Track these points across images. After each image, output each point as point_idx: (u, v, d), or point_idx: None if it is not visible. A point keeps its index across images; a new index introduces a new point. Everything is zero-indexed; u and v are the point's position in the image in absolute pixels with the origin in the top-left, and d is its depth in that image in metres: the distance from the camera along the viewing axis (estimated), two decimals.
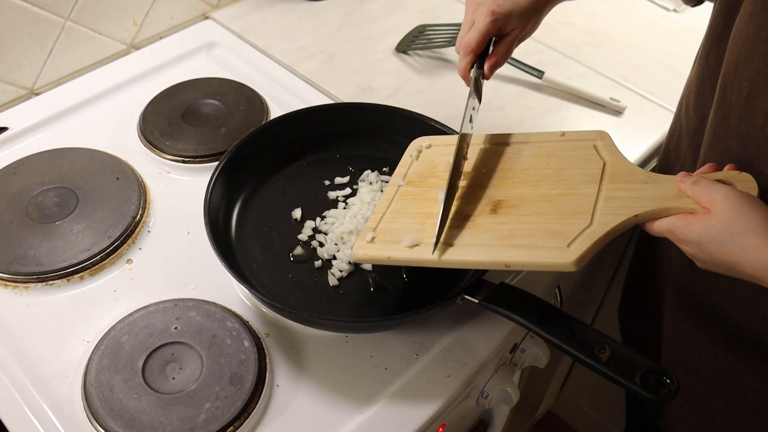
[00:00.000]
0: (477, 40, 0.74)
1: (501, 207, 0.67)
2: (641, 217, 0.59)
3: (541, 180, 0.69)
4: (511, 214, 0.66)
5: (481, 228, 0.66)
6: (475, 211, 0.68)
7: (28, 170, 0.85)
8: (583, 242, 0.59)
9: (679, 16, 1.18)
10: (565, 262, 0.59)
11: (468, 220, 0.67)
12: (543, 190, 0.67)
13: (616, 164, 0.67)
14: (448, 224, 0.67)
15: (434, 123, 0.83)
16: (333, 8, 1.16)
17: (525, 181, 0.69)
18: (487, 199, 0.69)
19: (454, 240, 0.65)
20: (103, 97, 0.98)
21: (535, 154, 0.72)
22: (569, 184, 0.67)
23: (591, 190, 0.64)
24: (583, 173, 0.67)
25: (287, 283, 0.74)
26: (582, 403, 1.48)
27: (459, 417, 0.79)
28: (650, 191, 0.61)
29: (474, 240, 0.65)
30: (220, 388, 0.65)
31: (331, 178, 0.85)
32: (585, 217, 0.62)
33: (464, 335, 0.72)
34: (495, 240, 0.64)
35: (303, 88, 1.00)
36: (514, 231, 0.64)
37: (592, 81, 1.04)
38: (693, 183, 0.57)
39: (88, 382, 0.66)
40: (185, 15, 1.11)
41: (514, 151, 0.74)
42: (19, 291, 0.75)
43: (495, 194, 0.69)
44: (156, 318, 0.70)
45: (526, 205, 0.66)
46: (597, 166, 0.67)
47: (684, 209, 0.57)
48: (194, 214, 0.80)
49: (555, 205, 0.65)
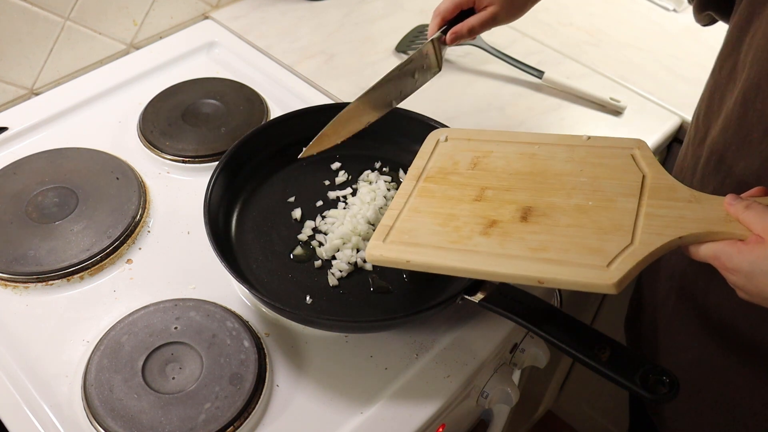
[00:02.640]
0: (446, 4, 0.76)
1: (531, 215, 0.63)
2: (686, 239, 0.55)
3: (575, 188, 0.64)
4: (542, 224, 0.61)
5: (510, 236, 0.61)
6: (504, 217, 0.63)
7: (28, 170, 0.85)
8: (624, 263, 0.55)
9: (679, 16, 1.18)
10: (606, 283, 0.54)
11: (496, 227, 0.62)
12: (577, 199, 0.63)
13: (656, 178, 0.62)
14: (475, 229, 0.63)
15: (434, 123, 0.83)
16: (333, 8, 1.16)
17: (557, 188, 0.65)
18: (517, 204, 0.64)
19: (482, 247, 0.61)
20: (103, 97, 0.98)
21: (567, 158, 0.68)
22: (606, 196, 0.62)
23: (630, 205, 0.60)
24: (620, 185, 0.63)
25: (287, 283, 0.74)
26: (582, 403, 1.48)
27: (459, 417, 0.79)
28: (695, 212, 0.57)
29: (503, 249, 0.60)
30: (220, 388, 0.65)
31: (331, 178, 0.85)
32: (625, 235, 0.57)
33: (464, 335, 0.72)
34: (526, 251, 0.59)
35: (303, 88, 1.00)
36: (547, 243, 0.59)
37: (592, 81, 1.04)
38: (745, 208, 0.53)
39: (88, 382, 0.66)
40: (185, 15, 1.11)
41: (545, 154, 0.69)
42: (19, 291, 0.75)
43: (525, 200, 0.65)
44: (156, 318, 0.70)
45: (560, 216, 0.62)
46: (636, 178, 0.63)
47: (732, 235, 0.53)
48: (194, 214, 0.80)
49: (591, 217, 0.61)
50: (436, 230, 0.64)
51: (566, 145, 0.70)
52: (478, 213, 0.65)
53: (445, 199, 0.68)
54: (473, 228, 0.63)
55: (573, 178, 0.66)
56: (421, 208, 0.68)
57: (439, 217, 0.66)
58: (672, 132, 0.98)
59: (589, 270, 0.56)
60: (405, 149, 0.86)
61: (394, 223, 0.67)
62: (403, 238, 0.65)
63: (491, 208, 0.65)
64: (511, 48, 1.07)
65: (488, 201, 0.66)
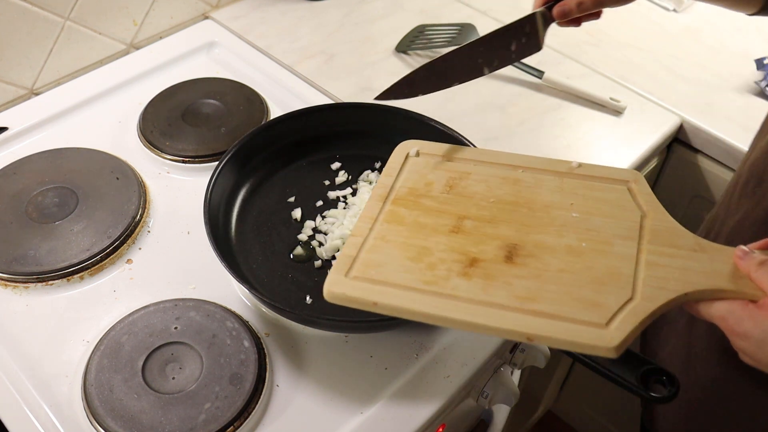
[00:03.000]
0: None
1: (518, 254, 0.56)
2: (691, 296, 0.50)
3: (565, 225, 0.58)
4: (530, 267, 0.55)
5: (494, 280, 0.54)
6: (486, 255, 0.56)
7: (28, 170, 0.85)
8: (626, 322, 0.49)
9: (679, 16, 1.18)
10: (606, 345, 0.48)
11: (477, 267, 0.55)
12: (569, 239, 0.56)
13: (657, 219, 0.57)
14: (453, 268, 0.55)
15: (434, 123, 0.83)
16: (333, 8, 1.16)
17: (546, 223, 0.58)
18: (500, 240, 0.57)
19: (462, 292, 0.53)
20: (103, 97, 0.98)
21: (556, 188, 0.62)
22: (601, 237, 0.56)
23: (629, 250, 0.54)
24: (617, 224, 0.57)
25: (287, 283, 0.74)
26: (582, 403, 1.48)
27: (459, 417, 0.79)
28: (702, 263, 0.51)
29: (486, 295, 0.53)
30: (220, 388, 0.65)
31: (331, 178, 0.85)
32: (624, 287, 0.52)
33: (464, 335, 0.72)
34: (513, 300, 0.52)
35: (303, 88, 1.00)
36: (536, 291, 0.53)
37: (592, 81, 1.03)
38: (758, 265, 0.48)
39: (88, 382, 0.66)
40: (185, 15, 1.11)
41: (531, 180, 0.63)
42: (19, 291, 0.75)
43: (509, 235, 0.57)
44: (156, 318, 0.70)
45: (549, 258, 0.55)
46: (634, 218, 0.57)
47: (743, 294, 0.48)
48: (194, 214, 0.80)
49: (585, 262, 0.54)
50: (407, 266, 0.56)
51: (554, 172, 0.63)
52: (456, 248, 0.57)
53: (417, 228, 0.60)
54: (451, 266, 0.55)
55: (563, 212, 0.59)
56: (390, 237, 0.59)
57: (410, 250, 0.58)
58: (672, 132, 0.98)
59: (586, 329, 0.50)
60: None
61: (358, 254, 0.58)
62: (369, 273, 0.56)
63: (471, 243, 0.57)
64: None
65: (467, 234, 0.58)
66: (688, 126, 0.99)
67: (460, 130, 0.82)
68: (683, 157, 1.03)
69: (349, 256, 0.58)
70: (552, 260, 0.55)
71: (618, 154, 0.92)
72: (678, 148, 1.03)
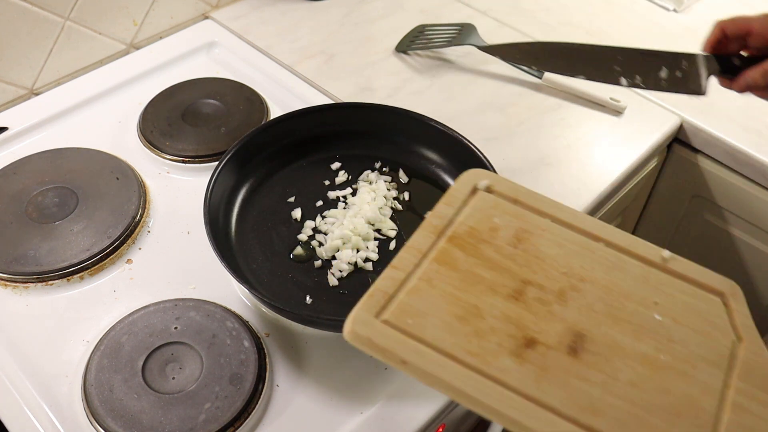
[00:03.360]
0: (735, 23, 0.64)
1: (584, 348, 0.47)
2: None
3: (645, 328, 0.49)
4: (596, 369, 0.46)
5: (551, 373, 0.45)
6: (547, 339, 0.47)
7: (28, 170, 0.85)
8: None
9: (679, 16, 1.18)
10: None
11: (534, 350, 0.46)
12: (646, 346, 0.48)
13: (753, 350, 0.48)
14: (504, 343, 0.46)
15: (434, 123, 0.83)
16: (333, 8, 1.16)
17: (623, 318, 0.49)
18: (566, 324, 0.48)
19: (511, 378, 0.45)
20: (103, 97, 0.98)
21: (641, 277, 0.53)
22: (684, 354, 0.48)
23: (714, 380, 0.46)
24: (704, 343, 0.48)
25: (287, 283, 0.74)
26: None
27: (459, 417, 0.79)
28: None
29: (539, 391, 0.44)
30: (220, 388, 0.65)
31: (331, 178, 0.85)
32: (702, 426, 0.44)
33: None
34: (570, 407, 0.44)
35: (303, 88, 1.00)
36: (599, 404, 0.44)
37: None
38: None
39: (88, 382, 0.66)
40: (185, 15, 1.11)
41: (613, 259, 0.53)
42: (19, 291, 0.75)
43: (578, 321, 0.48)
44: (156, 318, 0.70)
45: (621, 363, 0.47)
46: (725, 341, 0.49)
47: None
48: (194, 214, 0.80)
49: (661, 381, 0.46)
50: (451, 325, 0.47)
51: (641, 258, 0.54)
52: (513, 319, 0.48)
53: (472, 280, 0.50)
54: (502, 340, 0.46)
55: (645, 310, 0.50)
56: (437, 282, 0.50)
57: (458, 306, 0.48)
58: (672, 132, 0.98)
59: None
60: (405, 149, 0.86)
61: (397, 293, 0.49)
62: (405, 321, 0.47)
63: (532, 318, 0.48)
64: None
65: (529, 305, 0.49)
66: (688, 126, 0.99)
67: (460, 130, 0.82)
68: (683, 157, 1.03)
69: (384, 292, 0.49)
70: (623, 367, 0.47)
71: (618, 154, 0.92)
72: (678, 148, 1.03)
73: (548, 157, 0.91)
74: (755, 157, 0.94)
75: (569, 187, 0.88)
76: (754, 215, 1.01)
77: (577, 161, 0.91)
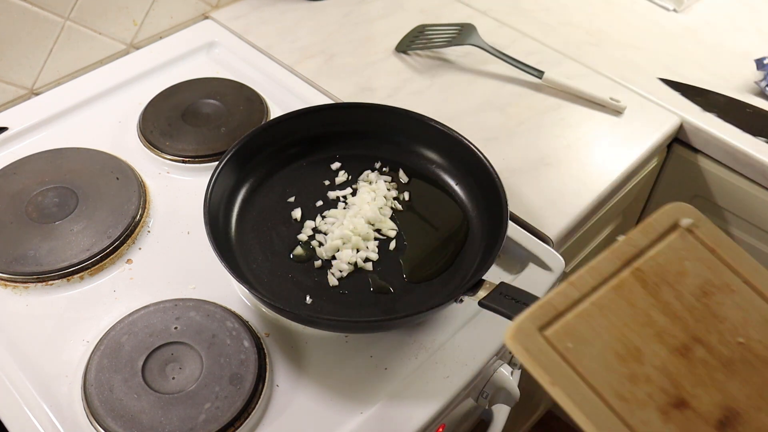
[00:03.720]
0: None
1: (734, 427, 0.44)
2: None
3: None
4: None
5: None
6: (698, 404, 0.44)
7: (28, 170, 0.85)
8: None
9: (679, 16, 1.18)
10: None
11: (682, 411, 0.44)
12: None
13: None
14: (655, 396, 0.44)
15: (434, 123, 0.83)
16: (333, 8, 1.16)
17: None
18: (724, 396, 0.44)
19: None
20: (103, 97, 0.98)
21: None
22: None
23: None
24: None
25: (287, 283, 0.74)
26: None
27: (459, 417, 0.79)
28: None
29: None
30: (220, 388, 0.65)
31: (331, 178, 0.85)
32: None
33: (464, 335, 0.72)
34: None
35: (303, 88, 1.00)
36: None
37: (592, 81, 1.03)
38: None
39: (88, 382, 0.66)
40: (185, 15, 1.11)
41: None
42: (19, 291, 0.75)
43: (737, 397, 0.45)
44: (156, 318, 0.70)
45: None
46: None
47: None
48: (194, 214, 0.80)
49: None
50: (608, 361, 0.45)
51: None
52: (671, 373, 0.45)
53: (643, 320, 0.47)
54: (653, 392, 0.44)
55: None
56: (609, 312, 0.47)
57: (621, 342, 0.46)
58: (672, 132, 0.98)
59: None
60: (405, 149, 0.86)
61: (566, 312, 0.47)
62: (565, 344, 0.46)
63: (690, 379, 0.45)
64: (511, 48, 1.07)
65: (693, 365, 0.46)
66: (688, 126, 0.99)
67: (460, 130, 0.82)
68: (683, 157, 1.03)
69: (554, 307, 0.47)
70: None
71: (618, 154, 0.92)
72: (678, 148, 1.03)
73: (548, 157, 0.91)
74: (755, 157, 0.94)
75: (569, 187, 0.88)
76: (754, 215, 1.01)
77: (577, 161, 0.91)
